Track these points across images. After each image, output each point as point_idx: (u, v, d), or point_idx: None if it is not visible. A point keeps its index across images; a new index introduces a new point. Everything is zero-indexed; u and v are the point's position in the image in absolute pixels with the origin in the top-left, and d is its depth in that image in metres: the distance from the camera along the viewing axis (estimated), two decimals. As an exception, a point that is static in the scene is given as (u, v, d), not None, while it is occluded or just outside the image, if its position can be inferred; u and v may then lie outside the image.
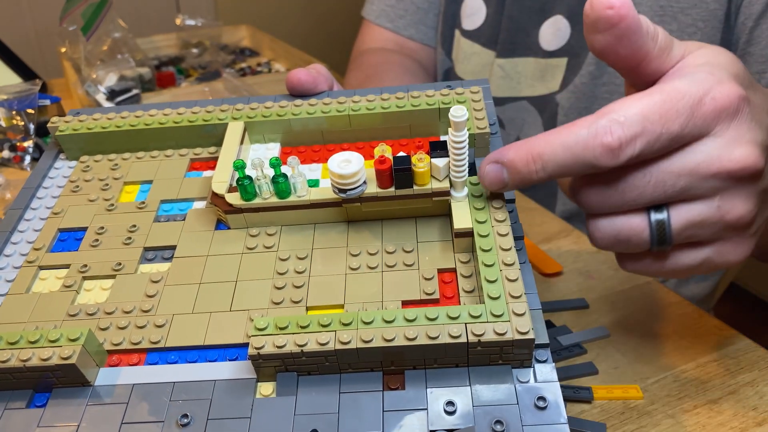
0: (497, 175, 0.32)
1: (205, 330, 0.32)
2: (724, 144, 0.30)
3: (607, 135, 0.29)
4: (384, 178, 0.33)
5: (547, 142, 0.30)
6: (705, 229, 0.32)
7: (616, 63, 0.32)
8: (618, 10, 0.30)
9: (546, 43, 0.68)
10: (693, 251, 0.33)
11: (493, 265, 0.31)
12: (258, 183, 0.35)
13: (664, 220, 0.32)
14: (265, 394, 0.29)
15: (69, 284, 0.35)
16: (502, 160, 0.31)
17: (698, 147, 0.30)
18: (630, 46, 0.31)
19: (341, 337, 0.28)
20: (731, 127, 0.30)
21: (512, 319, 0.28)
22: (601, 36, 0.31)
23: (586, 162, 0.29)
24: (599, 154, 0.29)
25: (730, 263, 0.34)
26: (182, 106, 0.43)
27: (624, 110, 0.29)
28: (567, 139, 0.30)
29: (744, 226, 0.32)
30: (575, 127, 0.30)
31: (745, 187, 0.31)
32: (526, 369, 0.29)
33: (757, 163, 0.30)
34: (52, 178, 0.42)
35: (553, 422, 0.27)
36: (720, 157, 0.30)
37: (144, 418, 0.28)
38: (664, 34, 0.32)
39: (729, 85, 0.30)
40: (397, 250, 0.35)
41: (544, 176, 0.30)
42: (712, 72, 0.31)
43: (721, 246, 0.33)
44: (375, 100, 0.42)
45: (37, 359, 0.28)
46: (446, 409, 0.27)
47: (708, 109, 0.30)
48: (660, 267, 0.34)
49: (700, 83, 0.30)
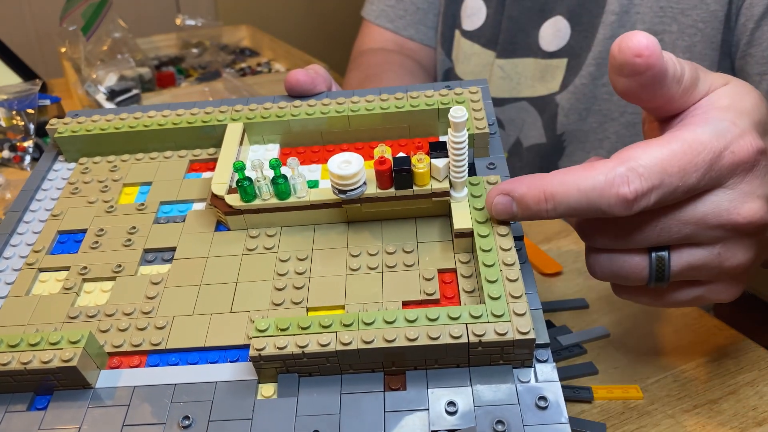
0: (506, 207, 0.31)
1: (205, 331, 0.32)
2: (735, 197, 0.30)
3: (624, 186, 0.28)
4: (384, 179, 0.33)
5: (562, 182, 0.29)
6: (703, 272, 0.33)
7: (637, 103, 0.32)
8: (647, 60, 0.29)
9: (546, 43, 0.68)
10: (688, 290, 0.34)
11: (494, 265, 0.31)
12: (258, 184, 0.35)
13: (664, 261, 0.32)
14: (266, 395, 0.29)
15: (69, 286, 0.35)
16: (513, 194, 0.31)
17: (709, 197, 0.30)
18: (654, 93, 0.30)
19: (342, 338, 0.28)
20: (745, 180, 0.30)
21: (513, 319, 0.28)
22: (625, 80, 0.30)
23: (599, 209, 0.29)
24: (614, 203, 0.28)
25: (722, 301, 0.35)
26: (181, 107, 0.43)
27: (644, 159, 0.29)
28: (583, 183, 0.29)
29: (742, 271, 0.33)
30: (593, 171, 0.29)
31: (748, 239, 0.32)
32: (527, 369, 0.29)
33: (764, 218, 0.31)
34: (51, 180, 0.42)
35: (555, 422, 0.27)
36: (729, 210, 0.30)
37: (145, 420, 0.28)
38: (691, 72, 0.31)
39: (749, 139, 0.30)
40: (397, 251, 0.35)
41: (554, 215, 0.30)
42: (735, 122, 0.30)
43: (715, 286, 0.34)
44: (374, 101, 0.42)
45: (37, 362, 0.28)
46: (447, 409, 0.27)
47: (726, 163, 0.30)
48: (653, 300, 0.35)
49: (721, 135, 0.30)
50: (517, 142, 0.76)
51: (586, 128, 0.70)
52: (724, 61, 0.61)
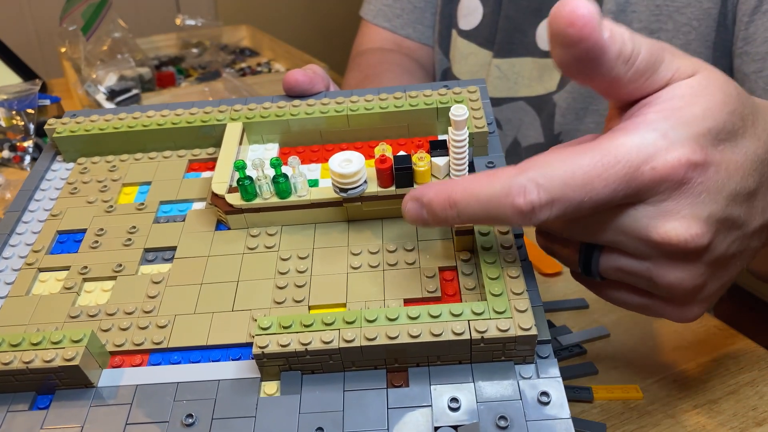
0: (418, 213, 0.29)
1: (207, 330, 0.32)
2: (655, 214, 0.28)
3: (519, 196, 0.26)
4: (385, 178, 0.34)
5: (464, 189, 0.27)
6: (638, 281, 0.31)
7: (578, 81, 0.29)
8: (579, 30, 0.25)
9: (543, 43, 0.68)
10: (630, 294, 0.33)
11: (495, 262, 0.31)
12: (258, 183, 0.35)
13: (590, 257, 0.31)
14: (269, 393, 0.29)
15: (69, 286, 0.35)
16: (421, 200, 0.29)
17: (629, 211, 0.28)
18: (590, 70, 0.27)
19: (345, 336, 0.28)
20: (670, 198, 0.27)
21: (515, 316, 0.28)
22: (560, 51, 0.27)
23: (498, 218, 0.27)
24: (510, 214, 0.27)
25: (674, 320, 0.33)
26: (180, 107, 0.43)
27: (548, 169, 0.26)
28: (483, 192, 0.27)
29: (682, 294, 0.30)
30: (493, 179, 0.27)
31: (683, 261, 0.29)
32: (529, 365, 0.29)
33: (690, 241, 0.27)
34: (50, 180, 0.42)
35: (557, 417, 0.27)
36: (647, 227, 0.28)
37: (148, 418, 0.28)
38: (650, 54, 0.28)
39: (679, 153, 0.27)
40: (398, 249, 0.35)
41: (461, 222, 0.28)
42: (667, 133, 0.27)
43: (662, 303, 0.32)
44: (373, 100, 0.42)
45: (39, 361, 0.28)
46: (450, 405, 0.28)
47: (645, 179, 0.27)
48: (599, 293, 0.34)
49: (643, 148, 0.27)
50: (514, 142, 0.76)
51: (583, 128, 0.70)
52: (722, 60, 0.61)
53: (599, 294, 0.34)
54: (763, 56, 0.56)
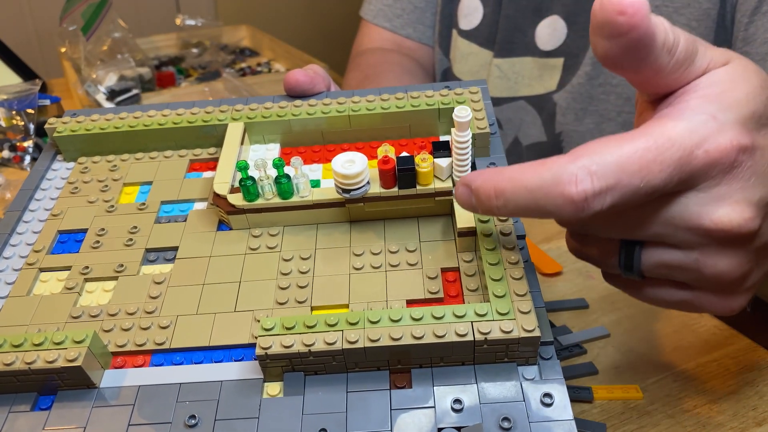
0: (467, 199, 0.28)
1: (210, 331, 0.32)
2: (707, 201, 0.27)
3: (571, 185, 0.25)
4: (387, 179, 0.34)
5: (512, 179, 0.26)
6: (682, 274, 0.30)
7: (620, 73, 0.29)
8: (630, 18, 0.25)
9: (543, 43, 0.68)
10: (670, 290, 0.31)
11: (498, 263, 0.31)
12: (261, 183, 0.35)
13: (632, 254, 0.30)
14: (272, 394, 0.29)
15: (70, 286, 0.34)
16: (470, 186, 0.28)
17: (679, 199, 0.27)
18: (638, 61, 0.27)
19: (349, 337, 0.28)
20: (722, 183, 0.27)
21: (518, 317, 0.28)
22: (606, 43, 0.26)
23: (547, 210, 0.25)
24: (560, 205, 0.25)
25: (716, 313, 0.32)
26: (181, 106, 0.43)
27: (600, 156, 0.25)
28: (531, 181, 0.25)
29: (729, 283, 0.29)
30: (542, 167, 0.26)
31: (731, 248, 0.28)
32: (532, 366, 0.29)
33: (742, 225, 0.27)
34: (50, 180, 0.42)
35: (560, 418, 0.27)
36: (699, 214, 0.27)
37: (151, 419, 0.28)
38: (687, 44, 0.27)
39: (730, 135, 0.26)
40: (401, 250, 0.35)
41: (507, 213, 0.27)
42: (716, 115, 0.27)
43: (705, 295, 0.31)
44: (375, 101, 0.42)
45: (42, 361, 0.28)
46: (453, 406, 0.28)
47: (698, 164, 0.26)
48: (635, 293, 0.33)
49: (695, 131, 0.26)
50: (515, 141, 0.76)
51: (583, 129, 0.70)
52: None
53: (637, 295, 0.33)
54: (763, 56, 0.56)
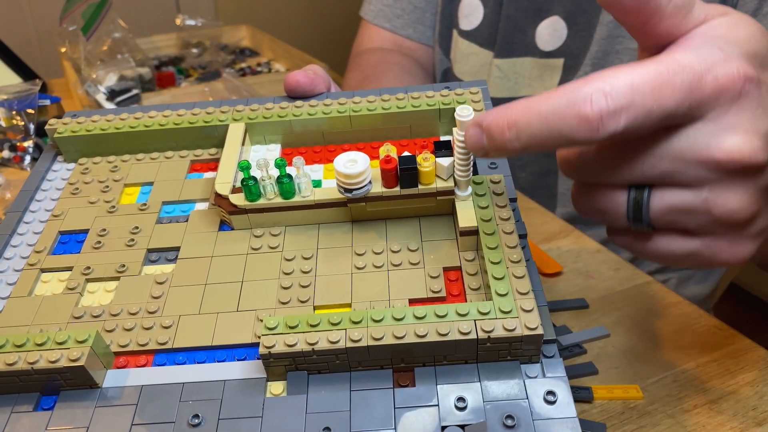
0: (477, 140, 0.28)
1: (212, 330, 0.32)
2: (717, 130, 0.27)
3: (586, 104, 0.25)
4: (389, 178, 0.34)
5: (525, 108, 0.26)
6: (691, 218, 0.29)
7: (621, 16, 0.28)
8: None
9: (543, 43, 0.68)
10: (679, 239, 0.31)
11: (500, 262, 0.31)
12: (262, 183, 0.35)
13: (641, 199, 0.29)
14: (275, 393, 0.29)
15: (72, 286, 0.34)
16: (482, 124, 0.28)
17: (687, 130, 0.27)
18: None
19: (352, 335, 0.28)
20: (730, 112, 0.27)
21: (521, 316, 0.28)
22: None
23: (562, 135, 0.26)
24: (576, 126, 0.25)
25: (724, 263, 0.31)
26: (182, 107, 0.43)
27: (613, 78, 0.26)
28: (543, 106, 0.26)
29: (738, 223, 0.29)
30: (555, 93, 0.26)
31: (741, 181, 0.28)
32: (534, 364, 0.29)
33: (752, 156, 0.27)
34: (51, 181, 0.42)
35: (563, 416, 0.27)
36: (709, 145, 0.27)
37: (154, 419, 0.28)
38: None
39: (737, 64, 0.27)
40: (402, 249, 0.35)
41: (519, 146, 0.27)
42: (722, 47, 0.27)
43: (713, 241, 0.30)
44: (375, 101, 0.42)
45: (44, 361, 0.28)
46: (457, 404, 0.28)
47: (708, 89, 0.26)
48: (642, 247, 0.32)
49: (703, 58, 0.26)
50: None
51: None
52: None
53: (645, 249, 0.32)
54: None
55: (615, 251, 0.58)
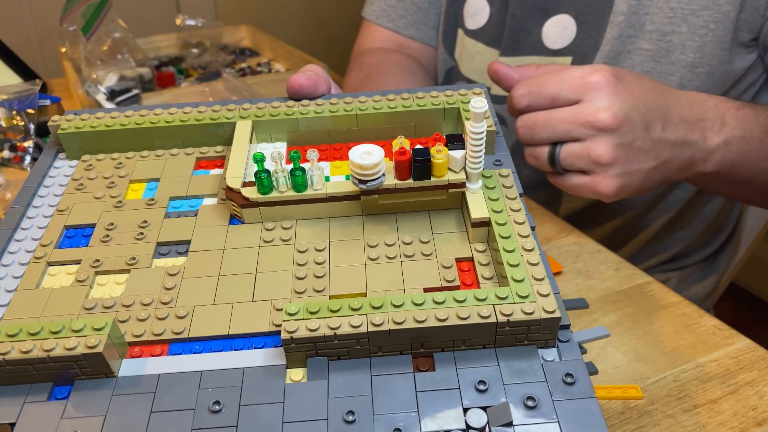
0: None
1: (228, 320, 0.31)
2: (589, 107, 0.47)
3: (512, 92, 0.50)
4: (403, 170, 0.34)
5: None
6: (579, 161, 0.48)
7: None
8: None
9: (550, 41, 0.68)
10: (577, 176, 0.49)
11: (514, 250, 0.32)
12: (276, 176, 0.35)
13: (554, 152, 0.49)
14: (295, 379, 0.29)
15: (82, 279, 0.34)
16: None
17: (575, 107, 0.47)
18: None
19: (373, 320, 0.28)
20: (596, 97, 0.46)
21: (538, 300, 0.29)
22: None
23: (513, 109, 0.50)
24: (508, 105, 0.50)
25: (603, 194, 0.48)
26: (186, 106, 0.43)
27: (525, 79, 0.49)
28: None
29: (605, 163, 0.47)
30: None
31: (605, 136, 0.46)
32: (551, 349, 0.30)
33: (607, 120, 0.46)
34: (53, 177, 0.41)
35: (583, 396, 0.28)
36: (585, 113, 0.46)
37: (174, 406, 0.28)
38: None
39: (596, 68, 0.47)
40: (414, 241, 0.35)
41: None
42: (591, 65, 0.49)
43: (595, 177, 0.48)
44: (381, 101, 0.42)
45: (61, 349, 0.28)
46: (478, 387, 0.28)
47: (576, 82, 0.47)
48: (560, 183, 0.50)
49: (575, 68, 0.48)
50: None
51: None
52: (737, 58, 0.63)
53: (561, 184, 0.50)
54: None
55: (615, 251, 0.59)
